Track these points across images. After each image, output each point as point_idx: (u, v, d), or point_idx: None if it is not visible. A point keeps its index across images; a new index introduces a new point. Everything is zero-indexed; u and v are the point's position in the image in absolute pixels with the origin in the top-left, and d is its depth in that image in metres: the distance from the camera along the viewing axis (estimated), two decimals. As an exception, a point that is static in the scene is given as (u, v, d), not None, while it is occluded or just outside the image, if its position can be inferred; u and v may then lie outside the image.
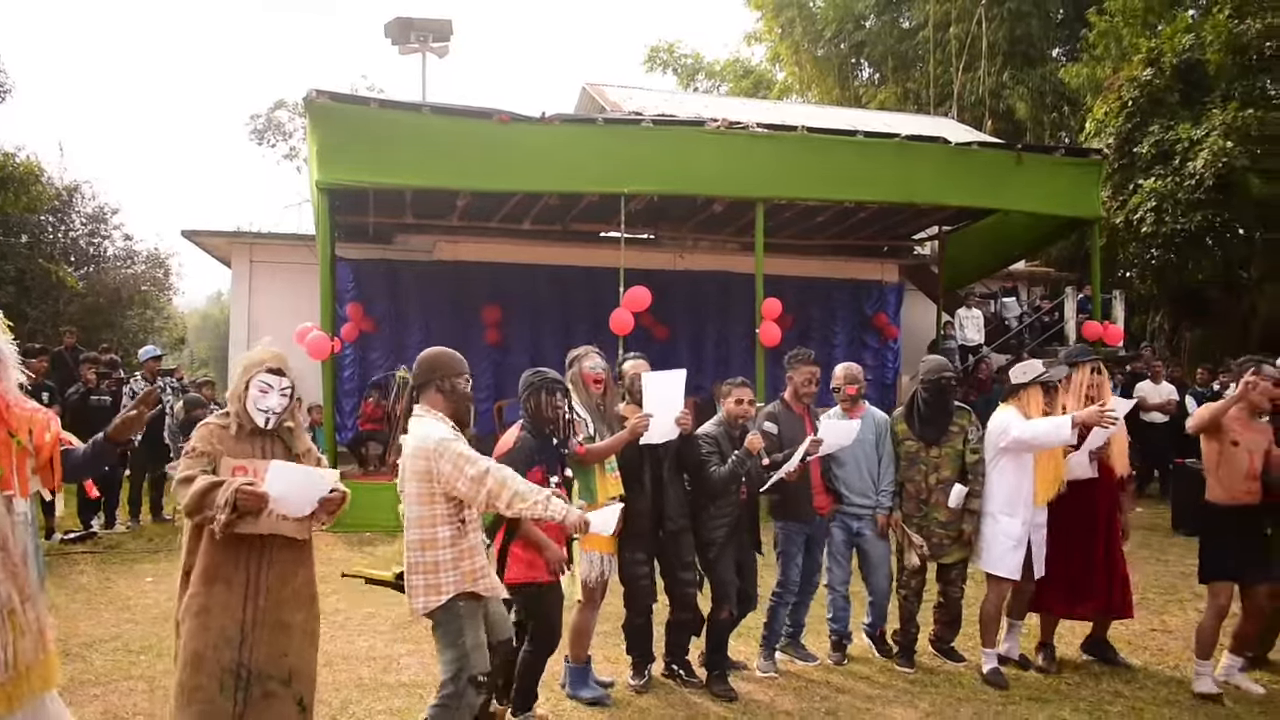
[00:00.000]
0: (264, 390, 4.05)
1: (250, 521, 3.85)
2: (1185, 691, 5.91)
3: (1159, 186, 17.27)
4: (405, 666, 6.15)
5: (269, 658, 3.93)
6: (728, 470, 5.62)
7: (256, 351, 4.17)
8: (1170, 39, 18.36)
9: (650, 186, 11.72)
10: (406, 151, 10.63)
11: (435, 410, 4.29)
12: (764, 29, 32.84)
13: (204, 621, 3.85)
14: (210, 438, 3.99)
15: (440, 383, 4.33)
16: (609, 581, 5.55)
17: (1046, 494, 6.11)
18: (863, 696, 5.78)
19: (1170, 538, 10.82)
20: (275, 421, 4.07)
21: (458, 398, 4.35)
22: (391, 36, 20.78)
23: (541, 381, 5.01)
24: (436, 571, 4.18)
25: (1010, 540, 6.06)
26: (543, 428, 4.96)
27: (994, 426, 6.15)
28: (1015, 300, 19.04)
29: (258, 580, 3.93)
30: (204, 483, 3.77)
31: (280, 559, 4.00)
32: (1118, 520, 6.32)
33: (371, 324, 14.84)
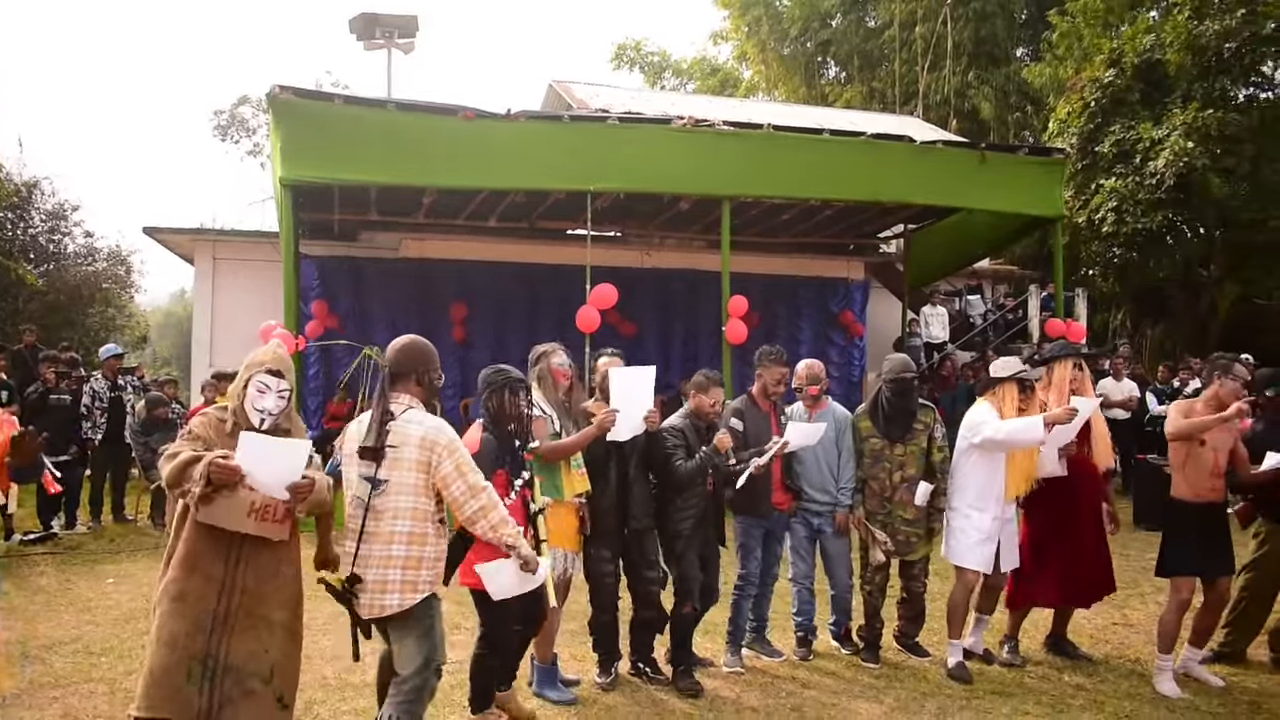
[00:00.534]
0: (261, 390, 4.03)
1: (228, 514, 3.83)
2: (1146, 684, 5.99)
3: (1120, 186, 17.46)
4: (370, 666, 6.07)
5: (249, 653, 3.89)
6: (694, 465, 5.63)
7: (260, 352, 4.16)
8: (1131, 40, 18.58)
9: (616, 184, 11.71)
10: (371, 148, 10.56)
11: (416, 400, 4.29)
12: (730, 27, 32.91)
13: (180, 607, 3.82)
14: (208, 426, 4.00)
15: (421, 375, 4.32)
16: (572, 579, 5.54)
17: (1017, 489, 6.16)
18: (828, 691, 5.81)
19: (1132, 532, 10.92)
20: (270, 422, 4.04)
21: (433, 392, 4.37)
22: (357, 32, 20.67)
23: (504, 380, 4.97)
24: (419, 568, 4.15)
25: (980, 534, 6.11)
26: (504, 427, 4.93)
27: (968, 422, 6.19)
28: (980, 298, 19.16)
29: (234, 576, 3.90)
30: (187, 455, 3.76)
31: (259, 557, 3.97)
32: (1103, 512, 6.38)
33: (336, 322, 14.72)
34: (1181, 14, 17.94)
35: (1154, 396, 13.02)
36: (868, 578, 6.38)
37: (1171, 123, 17.15)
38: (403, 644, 4.22)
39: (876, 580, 6.37)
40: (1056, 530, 6.27)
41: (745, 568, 6.23)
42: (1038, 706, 5.62)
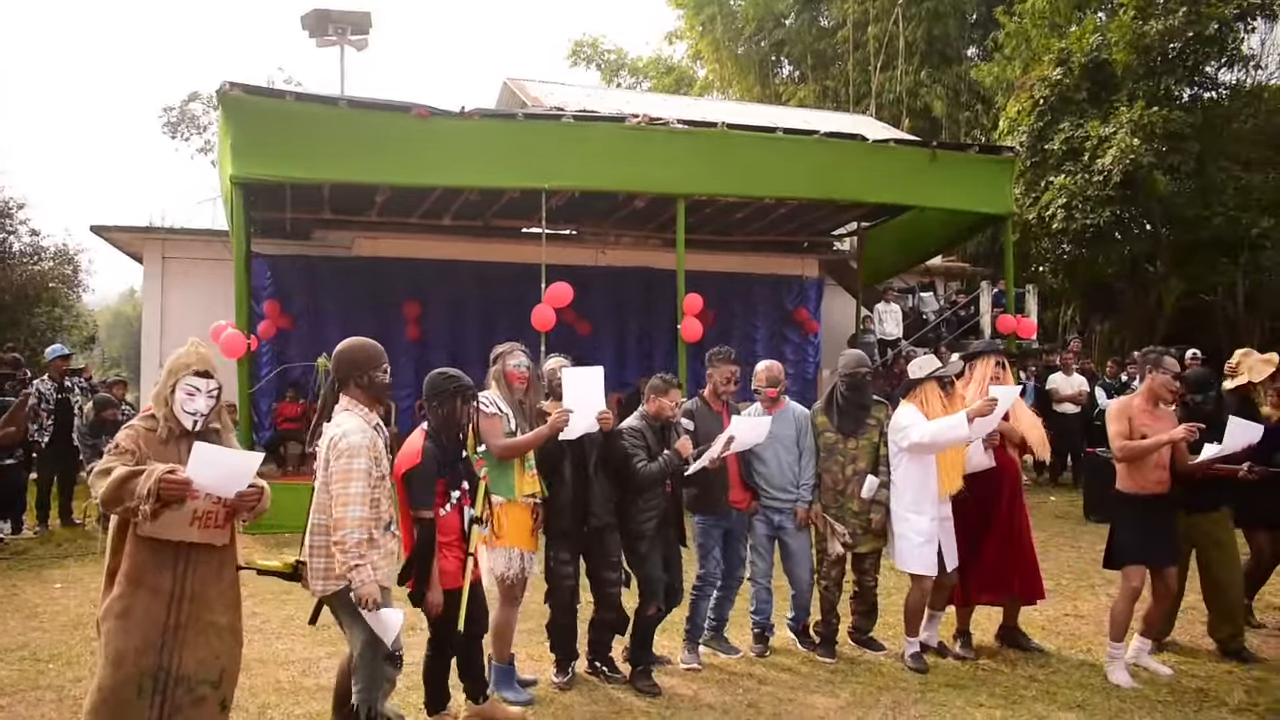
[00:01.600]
0: (191, 393, 3.99)
1: (171, 525, 3.79)
2: (1097, 674, 6.08)
3: (1069, 183, 17.72)
4: (325, 669, 6.05)
5: (200, 661, 3.87)
6: (657, 468, 5.64)
7: (182, 353, 4.09)
8: (1078, 40, 18.85)
9: (571, 182, 11.69)
10: (323, 146, 10.47)
11: (358, 405, 4.37)
12: (685, 26, 32.97)
13: (125, 624, 3.78)
14: (136, 438, 3.91)
15: (359, 378, 4.39)
16: (529, 579, 5.52)
17: (949, 486, 6.23)
18: (785, 687, 5.84)
19: (1082, 525, 11.10)
20: (203, 424, 4.01)
21: (377, 390, 4.42)
22: (309, 29, 20.44)
23: (457, 388, 4.87)
24: (332, 556, 4.26)
25: (921, 537, 6.18)
26: (450, 434, 4.89)
27: (894, 426, 6.27)
28: (932, 295, 19.35)
29: (183, 584, 3.87)
30: (123, 471, 3.69)
31: (204, 562, 3.94)
32: (1021, 505, 6.47)
33: (289, 321, 14.59)
34: (1127, 14, 18.25)
35: (1103, 391, 13.21)
36: (824, 572, 6.42)
37: (1118, 121, 17.43)
38: (346, 629, 4.41)
39: (833, 575, 6.41)
40: (984, 522, 6.36)
41: (704, 567, 6.24)
42: (991, 698, 5.68)
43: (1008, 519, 6.38)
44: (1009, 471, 6.44)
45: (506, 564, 5.36)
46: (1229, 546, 6.52)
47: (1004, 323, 13.41)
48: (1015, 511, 6.43)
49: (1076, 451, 13.44)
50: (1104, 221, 17.56)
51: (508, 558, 5.35)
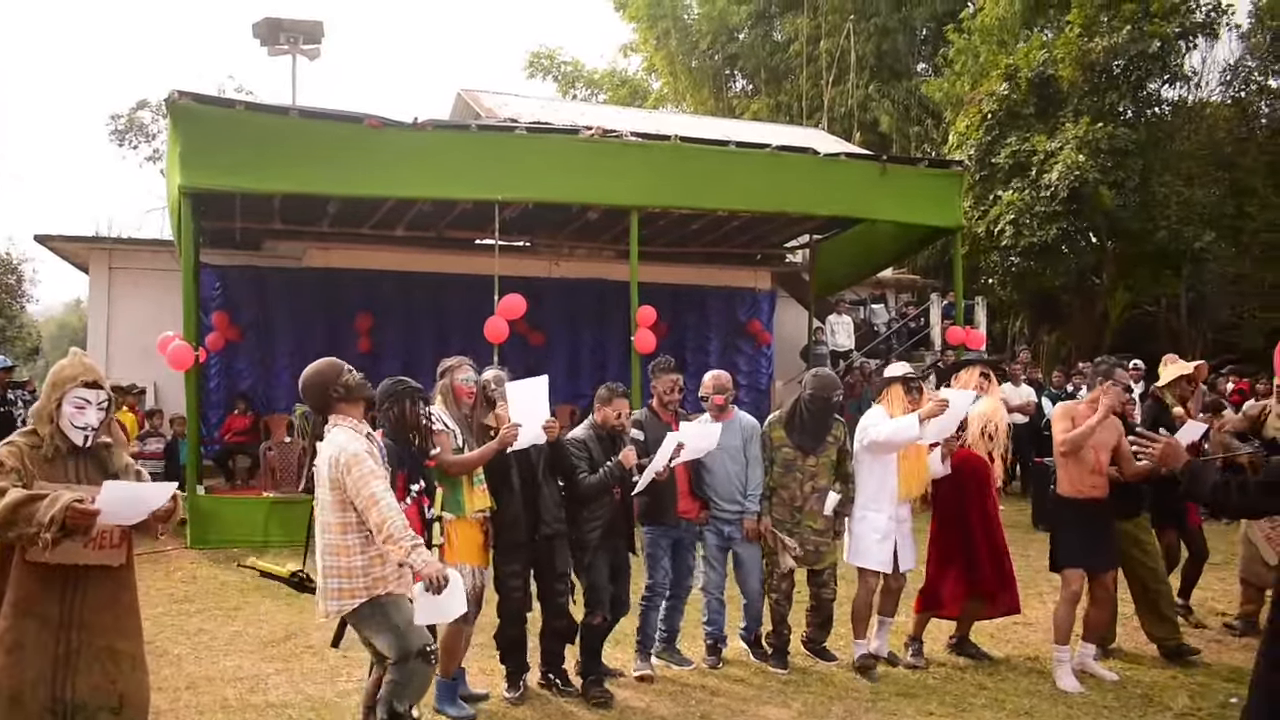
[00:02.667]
0: (80, 406, 3.82)
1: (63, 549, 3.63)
2: (1046, 681, 6.16)
3: (1017, 198, 17.99)
4: (273, 686, 5.98)
5: (94, 687, 3.75)
6: (598, 480, 5.64)
7: (66, 365, 3.92)
8: (1025, 56, 19.15)
9: (524, 194, 11.68)
10: (274, 156, 10.38)
11: (345, 418, 4.37)
12: (640, 40, 33.09)
13: (18, 658, 3.64)
14: (20, 455, 3.71)
15: (334, 393, 4.37)
16: (482, 594, 5.50)
17: (909, 489, 6.30)
18: (737, 698, 5.86)
19: (1031, 534, 11.23)
20: (94, 438, 3.85)
21: (355, 391, 4.42)
22: (260, 37, 20.25)
23: (405, 390, 4.98)
24: (350, 577, 4.25)
25: (876, 534, 6.26)
26: (405, 435, 4.91)
27: (860, 425, 6.35)
28: (884, 306, 19.58)
29: (72, 611, 3.73)
30: (16, 495, 3.51)
31: (97, 586, 3.81)
32: (995, 515, 6.55)
33: (238, 333, 14.43)
34: (1073, 31, 18.59)
35: (1049, 401, 13.39)
36: (774, 585, 6.43)
37: (1064, 136, 17.72)
38: (373, 643, 4.39)
39: (783, 588, 6.42)
40: (951, 530, 6.44)
41: (652, 577, 6.24)
42: (941, 706, 5.74)
43: (985, 526, 6.46)
44: (981, 476, 6.52)
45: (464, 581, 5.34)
46: (1151, 548, 6.68)
47: (953, 334, 13.56)
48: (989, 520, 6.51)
49: (1025, 461, 13.60)
50: (1051, 236, 17.84)
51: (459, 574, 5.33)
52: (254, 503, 10.78)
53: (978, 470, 6.49)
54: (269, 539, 10.07)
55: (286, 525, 10.28)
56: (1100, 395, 6.10)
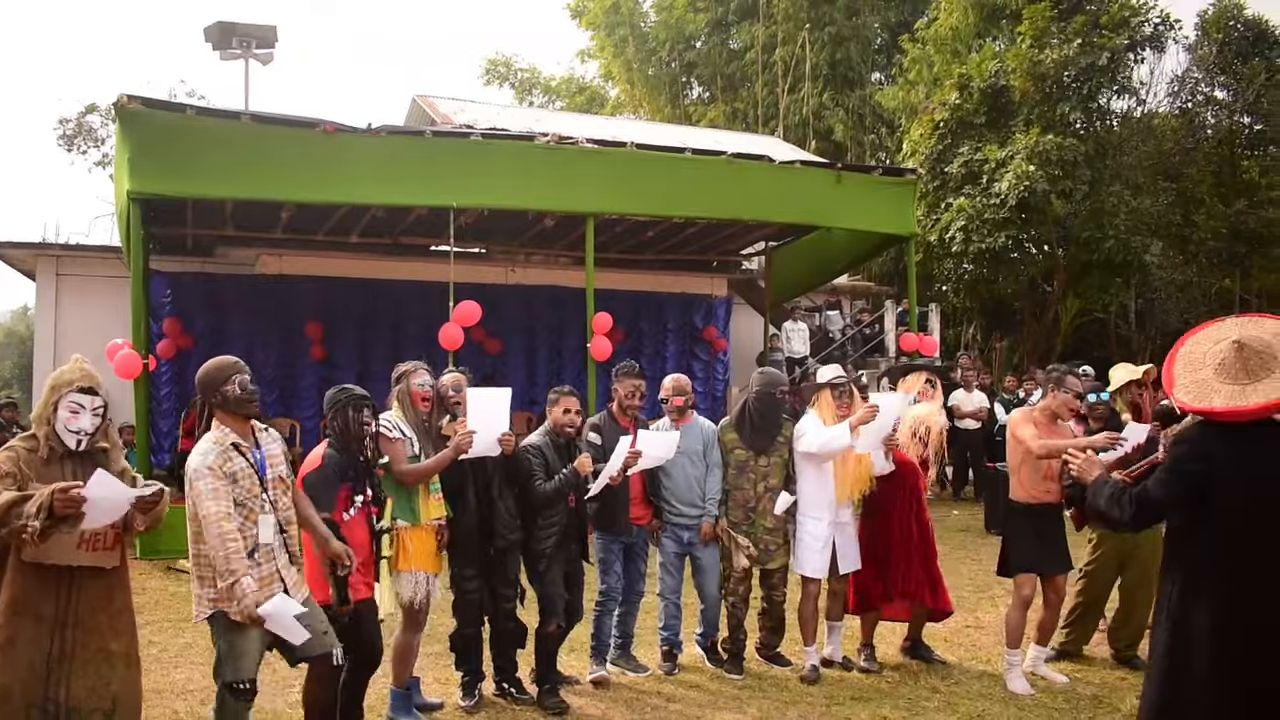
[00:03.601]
0: (75, 411, 3.86)
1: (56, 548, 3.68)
2: (997, 684, 6.23)
3: (969, 206, 18.18)
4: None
5: (89, 690, 3.76)
6: (553, 488, 5.62)
7: (65, 370, 3.98)
8: (978, 66, 19.38)
9: (480, 201, 11.64)
10: (225, 161, 10.25)
11: (224, 425, 4.22)
12: (597, 47, 33.12)
13: (10, 655, 3.66)
14: (17, 460, 3.78)
15: (212, 397, 4.23)
16: (433, 602, 5.46)
17: (847, 493, 6.33)
18: (693, 704, 5.87)
19: (983, 538, 11.36)
20: (88, 443, 3.89)
21: (231, 404, 4.23)
22: (213, 41, 20.07)
23: (348, 399, 4.90)
24: (201, 586, 4.13)
25: (817, 542, 6.31)
26: (350, 445, 4.86)
27: (795, 432, 6.41)
28: (838, 313, 19.72)
29: (67, 611, 3.77)
30: (8, 497, 3.56)
31: (91, 587, 3.84)
32: (925, 516, 6.63)
33: (190, 340, 14.24)
34: (1024, 43, 18.84)
35: (1001, 406, 13.55)
36: (731, 588, 6.46)
37: (1015, 146, 17.96)
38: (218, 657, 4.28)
39: (740, 591, 6.45)
40: (887, 531, 6.50)
41: (605, 583, 6.24)
42: (895, 710, 5.79)
43: (912, 527, 6.52)
44: (910, 479, 6.58)
45: (412, 589, 5.28)
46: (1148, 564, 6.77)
47: (907, 340, 13.68)
48: (920, 520, 6.59)
49: (978, 466, 13.75)
50: (1002, 244, 18.06)
51: (413, 582, 5.28)
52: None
53: (907, 474, 6.56)
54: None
55: (238, 534, 10.17)
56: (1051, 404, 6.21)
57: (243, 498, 4.11)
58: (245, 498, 4.12)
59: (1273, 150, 20.97)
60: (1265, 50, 20.47)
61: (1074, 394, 6.27)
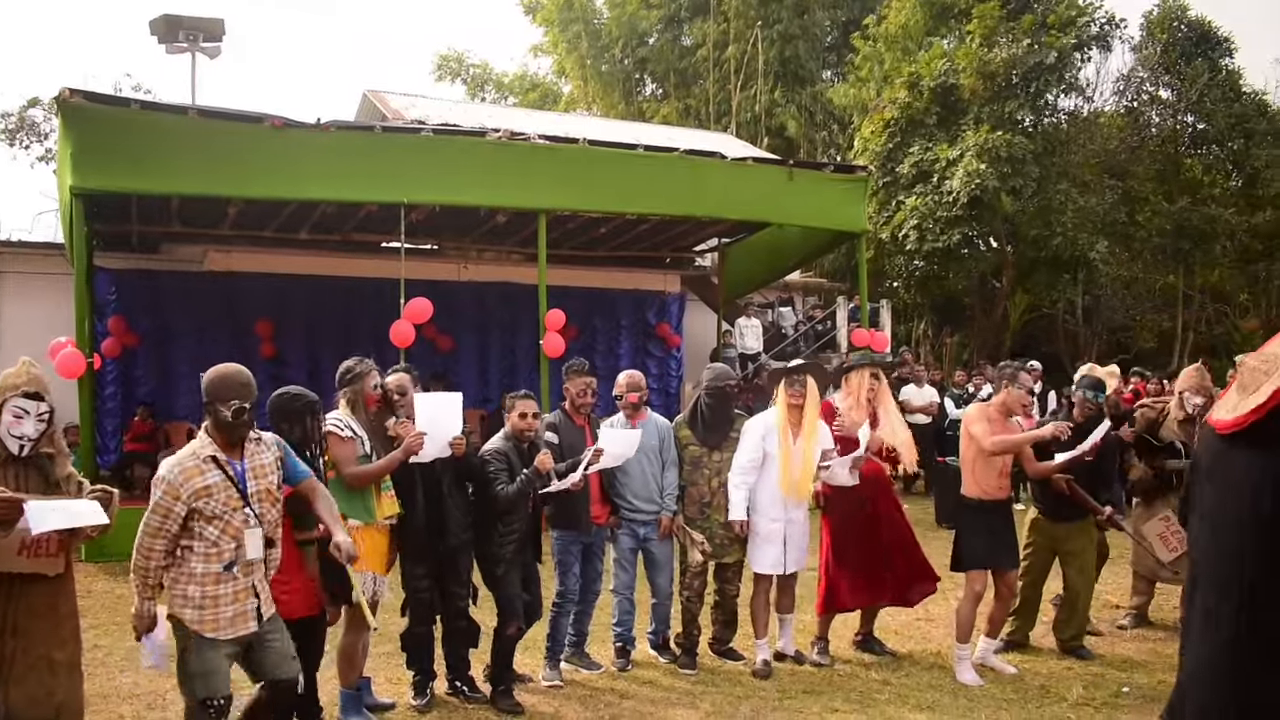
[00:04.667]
0: (18, 416, 3.79)
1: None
2: (947, 676, 6.31)
3: (920, 204, 18.36)
4: (172, 703, 5.80)
5: (31, 699, 3.69)
6: (515, 489, 5.59)
7: (11, 373, 3.90)
8: (927, 64, 19.56)
9: (431, 197, 11.55)
10: (171, 156, 10.07)
11: (209, 435, 4.13)
12: (550, 43, 33.03)
13: None
14: None
15: (207, 407, 4.14)
16: (381, 602, 5.41)
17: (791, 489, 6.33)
18: (646, 701, 5.87)
19: (934, 531, 11.47)
20: (31, 449, 3.81)
21: (219, 426, 4.13)
22: (158, 34, 19.76)
23: (306, 405, 4.81)
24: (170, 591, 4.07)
25: (759, 536, 6.36)
26: (304, 452, 4.76)
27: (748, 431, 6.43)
28: (791, 309, 19.82)
29: (8, 619, 3.69)
30: None
31: (33, 594, 3.77)
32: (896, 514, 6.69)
33: (135, 339, 14.01)
34: (973, 42, 19.04)
35: (952, 401, 13.68)
36: (686, 583, 6.48)
37: (965, 144, 18.14)
38: None
39: (695, 586, 6.47)
40: (849, 533, 6.54)
41: (563, 584, 6.22)
42: (846, 703, 5.83)
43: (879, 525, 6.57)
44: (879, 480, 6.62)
45: (360, 588, 5.23)
46: (1088, 555, 6.88)
47: (859, 336, 13.76)
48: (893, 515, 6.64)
49: (928, 461, 13.87)
50: (953, 241, 18.24)
51: (361, 581, 5.23)
52: (152, 513, 10.46)
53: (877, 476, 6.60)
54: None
55: (187, 536, 10.03)
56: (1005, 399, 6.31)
57: (217, 511, 4.01)
58: (221, 510, 4.01)
59: (1214, 149, 21.37)
60: (1208, 51, 20.86)
61: (1026, 390, 6.38)
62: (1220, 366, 18.54)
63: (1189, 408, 7.27)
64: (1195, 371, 7.57)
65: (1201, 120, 20.95)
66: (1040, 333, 22.05)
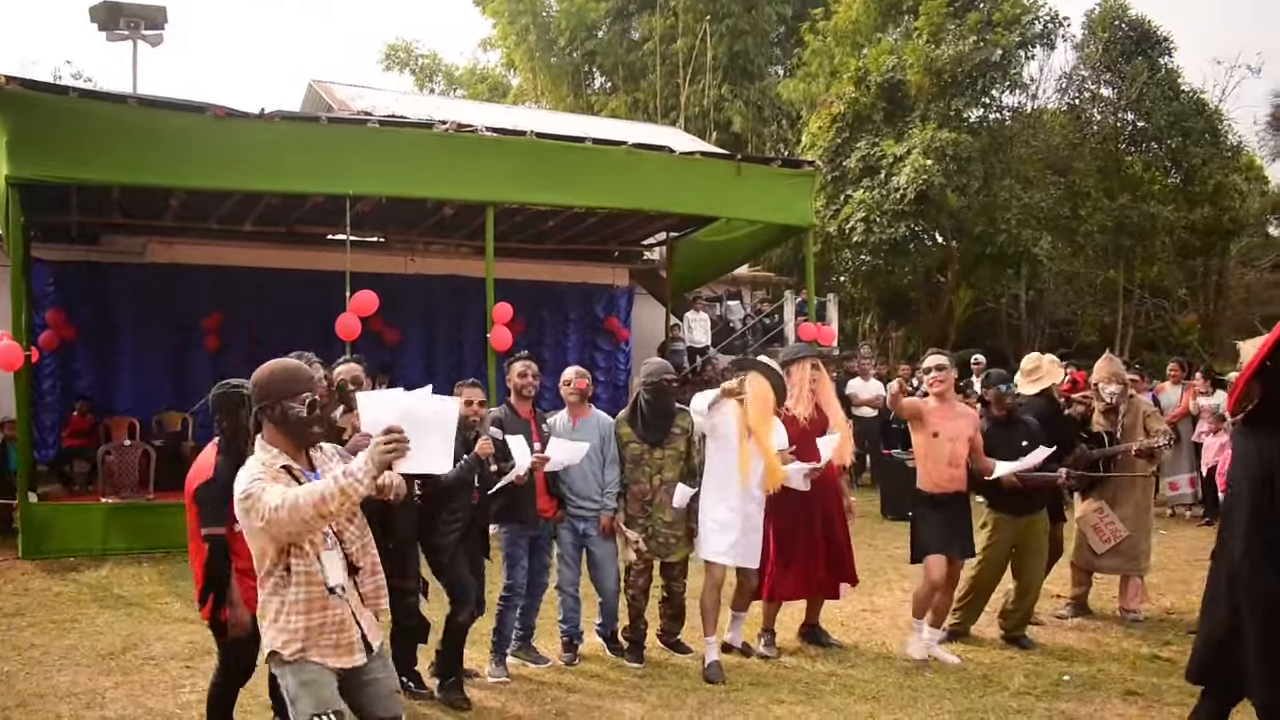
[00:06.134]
0: None
1: None
2: (892, 666, 6.38)
3: (867, 198, 18.50)
4: (111, 700, 5.73)
5: None
6: (455, 474, 5.55)
7: None
8: (874, 60, 19.72)
9: (377, 189, 11.44)
10: (111, 146, 9.90)
11: (273, 444, 3.59)
12: (499, 35, 32.85)
13: None
14: None
15: (271, 409, 3.58)
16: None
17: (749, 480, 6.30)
18: (593, 694, 5.88)
19: (879, 523, 11.59)
20: None
21: (290, 426, 3.60)
22: (99, 21, 19.36)
23: (240, 398, 4.61)
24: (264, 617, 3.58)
25: (715, 524, 6.30)
26: (240, 446, 4.67)
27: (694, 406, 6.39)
28: (739, 303, 19.91)
29: None
30: None
31: None
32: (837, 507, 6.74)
33: (74, 332, 13.74)
34: (920, 38, 19.22)
35: (898, 395, 13.82)
36: (630, 580, 6.48)
37: (911, 141, 18.32)
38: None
39: (639, 584, 6.47)
40: (797, 529, 6.59)
41: (511, 578, 6.20)
42: (792, 694, 5.87)
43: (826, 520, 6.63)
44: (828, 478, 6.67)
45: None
46: (1042, 545, 6.98)
47: (806, 330, 13.85)
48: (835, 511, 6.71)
49: (874, 453, 14.02)
50: (900, 236, 18.42)
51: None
52: (91, 510, 10.29)
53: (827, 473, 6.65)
54: (108, 548, 9.64)
55: (127, 533, 9.85)
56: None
57: None
58: None
59: (1154, 146, 21.76)
60: (1148, 50, 21.22)
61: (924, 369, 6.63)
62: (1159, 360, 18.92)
63: (1106, 396, 7.45)
64: (1106, 361, 7.77)
65: (1141, 118, 21.31)
66: (984, 326, 22.34)
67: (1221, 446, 11.26)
